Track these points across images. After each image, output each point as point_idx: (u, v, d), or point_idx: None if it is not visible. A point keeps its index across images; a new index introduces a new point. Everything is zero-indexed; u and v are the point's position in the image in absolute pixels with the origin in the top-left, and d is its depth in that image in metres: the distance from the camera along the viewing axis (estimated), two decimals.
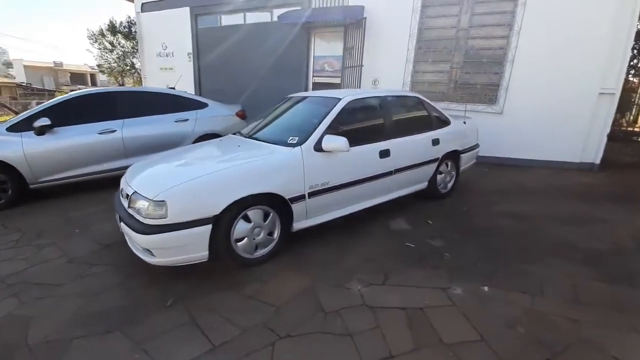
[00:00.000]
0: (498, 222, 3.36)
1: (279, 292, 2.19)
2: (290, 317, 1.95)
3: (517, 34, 5.61)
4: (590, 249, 2.81)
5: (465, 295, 2.16)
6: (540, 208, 3.80)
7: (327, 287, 2.25)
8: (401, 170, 3.36)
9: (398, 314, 1.98)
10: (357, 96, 3.18)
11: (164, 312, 2.02)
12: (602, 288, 2.25)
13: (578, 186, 4.70)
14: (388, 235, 3.06)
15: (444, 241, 2.94)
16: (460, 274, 2.40)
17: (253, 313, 1.99)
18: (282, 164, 2.59)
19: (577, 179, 5.05)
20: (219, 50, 8.94)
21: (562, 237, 3.04)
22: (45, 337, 1.81)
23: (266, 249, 2.58)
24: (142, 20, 10.13)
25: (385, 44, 6.65)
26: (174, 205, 2.13)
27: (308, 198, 2.66)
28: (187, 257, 2.24)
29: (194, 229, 2.17)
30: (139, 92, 5.03)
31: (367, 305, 2.05)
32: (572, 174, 5.36)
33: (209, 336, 1.80)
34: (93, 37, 14.98)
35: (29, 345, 1.75)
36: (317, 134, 2.75)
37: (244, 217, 2.40)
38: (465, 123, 4.29)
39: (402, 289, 2.23)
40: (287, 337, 1.79)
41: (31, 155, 3.89)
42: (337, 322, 1.90)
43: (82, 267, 2.54)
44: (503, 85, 5.89)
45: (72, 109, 4.31)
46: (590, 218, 3.50)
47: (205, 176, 2.30)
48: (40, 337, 1.81)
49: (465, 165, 4.34)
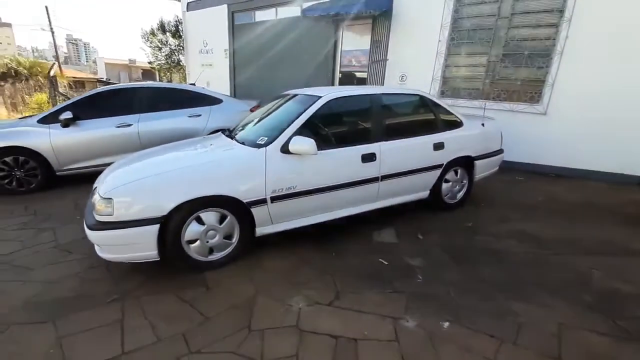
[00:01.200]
0: (502, 244, 2.87)
1: (217, 301, 2.10)
2: (213, 330, 1.84)
3: (567, 21, 4.75)
4: (608, 290, 2.24)
5: (416, 331, 1.84)
6: (565, 230, 3.18)
7: (267, 302, 2.09)
8: (391, 177, 3.03)
9: (326, 342, 1.75)
10: (341, 94, 2.93)
11: (102, 308, 2.04)
12: (600, 345, 1.76)
13: (629, 206, 3.86)
14: (365, 249, 2.78)
15: (425, 261, 2.59)
16: (423, 303, 2.07)
17: (180, 321, 1.92)
18: (241, 165, 2.47)
19: (630, 197, 4.16)
20: (252, 46, 9.11)
21: (577, 270, 2.48)
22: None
23: (223, 252, 2.50)
24: (187, 19, 10.72)
25: (413, 36, 6.14)
26: (119, 203, 2.14)
27: (271, 202, 2.51)
28: (135, 256, 2.25)
29: (140, 228, 2.15)
30: (155, 88, 5.29)
31: (297, 328, 1.86)
32: (628, 190, 4.43)
33: (125, 341, 1.77)
34: (145, 36, 16.41)
35: None
36: (286, 135, 2.57)
37: (197, 219, 2.34)
38: (484, 125, 3.74)
39: (347, 312, 1.99)
40: (196, 352, 1.69)
41: (57, 144, 4.29)
42: (255, 344, 1.74)
43: (62, 254, 2.71)
44: (549, 81, 5.07)
45: (94, 104, 4.66)
46: (627, 250, 2.82)
47: (153, 176, 2.29)
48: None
49: (481, 174, 3.81)
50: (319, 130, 2.79)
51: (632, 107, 4.55)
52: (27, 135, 4.22)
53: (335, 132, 2.94)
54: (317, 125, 2.78)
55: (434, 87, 6.09)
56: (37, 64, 18.18)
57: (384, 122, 3.06)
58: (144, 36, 16.45)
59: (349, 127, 3.02)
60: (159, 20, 16.05)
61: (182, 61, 14.65)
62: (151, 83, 6.19)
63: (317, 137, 2.69)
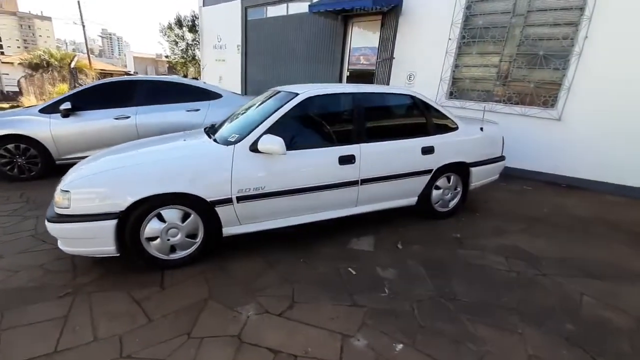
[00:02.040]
0: (486, 260, 2.64)
1: (167, 303, 2.03)
2: (152, 334, 1.77)
3: (587, 20, 4.37)
4: (596, 320, 2.00)
5: (365, 351, 1.69)
6: (563, 248, 2.90)
7: (217, 307, 2.00)
8: (372, 181, 2.87)
9: (265, 356, 1.64)
10: (320, 92, 2.78)
11: (53, 302, 2.02)
12: None
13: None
14: (337, 256, 2.64)
15: (397, 273, 2.42)
16: (382, 321, 1.92)
17: (123, 321, 1.86)
18: (206, 163, 2.40)
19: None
20: (264, 42, 9.10)
21: (565, 295, 2.23)
22: None
23: (185, 252, 2.43)
24: (203, 14, 10.84)
25: (421, 34, 5.88)
26: (76, 196, 2.11)
27: (237, 202, 2.42)
28: (93, 250, 2.22)
29: (97, 223, 2.12)
30: (155, 81, 5.32)
31: (238, 338, 1.75)
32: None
33: (62, 338, 1.73)
34: (163, 31, 16.81)
35: None
36: (257, 133, 2.47)
37: (158, 216, 2.28)
38: (483, 129, 3.49)
39: (296, 325, 1.87)
40: (126, 357, 1.62)
41: (56, 134, 4.39)
42: (189, 352, 1.65)
43: (36, 242, 2.74)
44: (565, 84, 4.69)
45: (94, 95, 4.74)
46: (629, 274, 2.52)
47: (111, 171, 2.25)
48: None
49: (478, 182, 3.56)
50: (294, 129, 2.67)
51: None
52: (28, 124, 4.34)
53: (311, 131, 2.81)
54: (292, 124, 2.65)
55: (442, 88, 5.81)
56: (68, 56, 19.02)
57: (367, 123, 2.89)
58: (161, 30, 16.89)
59: (327, 126, 2.87)
60: (176, 15, 16.43)
61: (198, 56, 14.89)
62: (151, 77, 6.27)
63: (291, 137, 2.59)
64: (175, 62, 17.72)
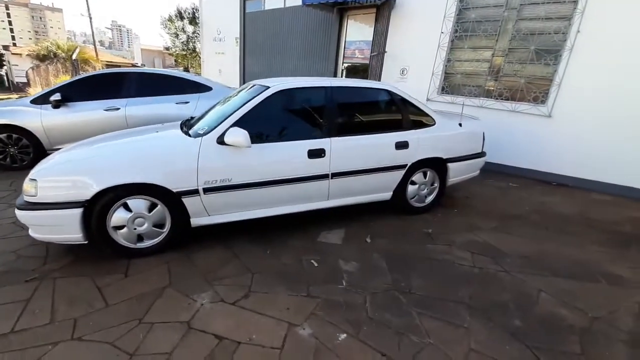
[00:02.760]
0: (451, 256, 2.65)
1: (127, 289, 2.10)
2: (106, 319, 1.84)
3: (580, 13, 4.26)
4: (548, 317, 2.00)
5: (308, 340, 1.73)
6: (535, 246, 2.88)
7: (174, 295, 2.06)
8: (343, 175, 2.89)
9: (208, 343, 1.69)
10: (291, 86, 2.80)
11: (19, 286, 2.10)
12: None
13: (625, 225, 3.44)
14: (303, 248, 2.68)
15: (359, 266, 2.44)
16: (332, 311, 1.95)
17: (81, 306, 1.94)
18: (173, 154, 2.44)
19: (633, 214, 3.71)
20: (261, 34, 9.09)
21: (522, 292, 2.23)
22: None
23: (153, 241, 2.49)
24: (204, 6, 10.84)
25: (414, 28, 5.81)
26: (42, 184, 2.18)
27: (204, 194, 2.47)
28: (61, 237, 2.29)
29: (62, 211, 2.18)
30: (145, 73, 5.36)
31: (188, 325, 1.81)
32: (635, 206, 3.97)
33: (20, 320, 1.81)
34: (164, 23, 16.91)
35: None
36: (224, 126, 2.50)
37: (125, 205, 2.34)
38: (461, 125, 3.46)
39: (247, 313, 1.91)
40: (76, 339, 1.69)
41: (47, 124, 4.49)
42: (137, 337, 1.71)
43: (15, 229, 2.82)
44: (556, 80, 4.60)
45: (84, 87, 4.82)
46: (597, 274, 2.50)
47: (77, 161, 2.31)
48: None
49: (456, 178, 3.54)
50: (263, 122, 2.69)
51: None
52: (20, 114, 4.45)
53: (280, 125, 2.82)
54: (261, 118, 2.67)
55: (434, 83, 5.75)
56: (74, 47, 19.25)
57: (339, 117, 2.90)
58: (162, 23, 16.98)
59: (298, 120, 2.88)
60: (177, 7, 16.48)
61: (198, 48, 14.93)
62: (143, 69, 6.32)
63: (260, 130, 2.62)
64: (176, 54, 17.84)
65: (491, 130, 5.12)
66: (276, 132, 2.76)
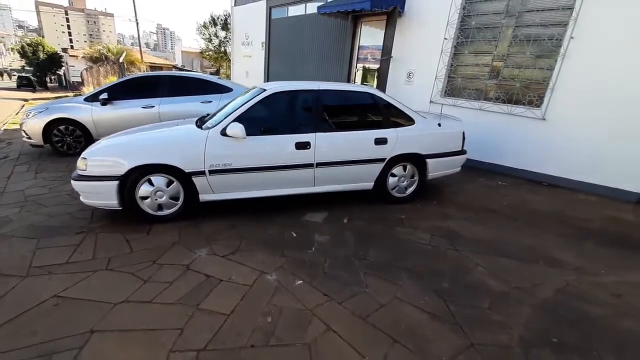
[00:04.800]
0: (414, 236, 3.08)
1: (147, 243, 2.77)
2: (131, 259, 2.51)
3: (574, 20, 4.46)
4: (474, 284, 2.39)
5: (271, 282, 2.29)
6: (495, 233, 3.23)
7: (181, 248, 2.70)
8: (326, 165, 3.41)
9: (199, 279, 2.30)
10: (284, 89, 3.37)
11: (71, 236, 2.84)
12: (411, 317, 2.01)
13: (596, 222, 3.65)
14: (289, 224, 3.22)
15: (330, 239, 2.96)
16: (297, 267, 2.49)
17: (114, 250, 2.62)
18: (185, 142, 3.10)
19: (610, 214, 3.88)
20: (284, 39, 9.78)
21: (462, 265, 2.63)
22: (4, 232, 2.86)
23: (169, 210, 3.16)
24: (235, 13, 11.75)
25: (419, 34, 6.17)
26: (90, 162, 2.92)
27: (209, 175, 3.10)
28: (102, 203, 3.02)
29: (103, 182, 2.91)
30: (176, 76, 6.19)
31: (187, 267, 2.43)
32: (618, 207, 4.12)
33: (72, 256, 2.52)
34: (199, 29, 18.27)
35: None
36: (227, 121, 3.12)
37: (149, 181, 3.03)
38: (440, 125, 3.85)
39: (232, 263, 2.51)
40: (108, 270, 2.37)
41: (96, 119, 5.43)
42: (150, 271, 2.36)
43: (69, 199, 3.64)
44: (550, 85, 4.80)
45: (126, 88, 5.71)
46: (540, 257, 2.82)
47: (115, 145, 3.04)
48: (3, 231, 2.87)
49: (436, 172, 3.94)
50: (259, 118, 3.28)
51: (636, 117, 4.16)
52: (76, 110, 5.40)
53: (273, 121, 3.40)
54: (258, 115, 3.27)
55: (437, 86, 6.08)
56: (122, 51, 21.24)
57: (324, 115, 3.43)
58: (197, 29, 18.36)
59: (288, 117, 3.45)
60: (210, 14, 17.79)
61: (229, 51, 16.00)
62: (174, 72, 7.17)
63: (256, 125, 3.21)
64: (209, 57, 19.21)
65: (489, 132, 5.43)
66: (270, 127, 3.35)
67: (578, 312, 2.16)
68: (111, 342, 1.76)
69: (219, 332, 1.85)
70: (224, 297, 2.12)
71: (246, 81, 10.41)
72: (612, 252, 2.99)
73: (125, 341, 1.77)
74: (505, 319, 2.05)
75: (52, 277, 2.27)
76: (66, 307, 1.99)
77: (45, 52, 37.00)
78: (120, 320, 1.91)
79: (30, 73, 39.56)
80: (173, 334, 1.82)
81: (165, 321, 1.91)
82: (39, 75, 37.80)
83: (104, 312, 1.96)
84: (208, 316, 1.96)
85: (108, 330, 1.84)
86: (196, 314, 1.97)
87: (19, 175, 4.44)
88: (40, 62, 36.74)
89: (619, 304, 2.25)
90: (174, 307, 2.02)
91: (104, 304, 2.02)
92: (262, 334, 1.85)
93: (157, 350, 1.72)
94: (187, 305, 2.04)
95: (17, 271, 2.32)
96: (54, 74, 41.17)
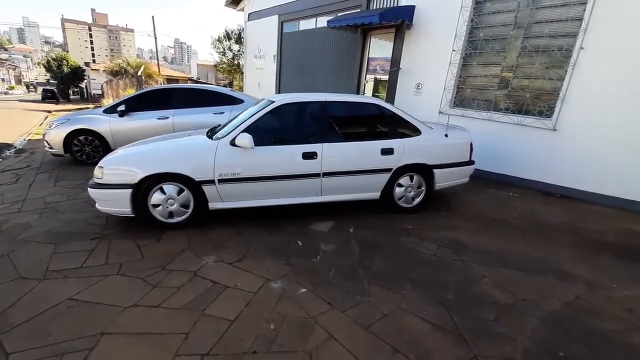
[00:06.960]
0: (419, 247, 3.07)
1: (158, 249, 2.86)
2: (141, 265, 2.60)
3: (583, 31, 4.44)
4: (480, 295, 2.37)
5: (276, 290, 2.32)
6: (503, 245, 3.19)
7: (189, 255, 2.78)
8: (333, 175, 3.46)
9: (205, 285, 2.36)
10: (292, 100, 3.46)
11: (86, 241, 2.96)
12: (414, 328, 2.00)
13: (609, 234, 3.55)
14: (295, 232, 3.27)
15: (335, 248, 2.98)
16: (302, 275, 2.52)
17: (126, 256, 2.72)
18: (196, 152, 3.22)
19: (624, 226, 3.78)
20: (295, 52, 10.01)
21: (468, 276, 2.61)
22: (24, 237, 3.00)
23: (180, 218, 3.26)
24: (248, 28, 12.12)
25: (428, 46, 6.24)
26: (107, 171, 3.05)
27: (218, 184, 3.19)
28: (117, 210, 3.14)
29: (118, 190, 3.04)
30: (189, 89, 6.42)
31: (194, 273, 2.50)
32: (634, 219, 4.00)
33: (86, 261, 2.63)
34: (213, 43, 18.90)
35: (15, 239, 2.96)
36: (237, 132, 3.23)
37: (161, 189, 3.14)
38: (447, 136, 3.86)
39: (238, 270, 2.56)
40: (119, 275, 2.46)
41: (114, 129, 5.66)
42: (159, 277, 2.44)
43: (86, 206, 3.79)
44: (560, 95, 4.76)
45: (142, 100, 5.95)
46: (549, 270, 2.77)
47: (129, 155, 3.17)
48: (23, 236, 3.02)
49: (444, 183, 3.93)
50: (268, 129, 3.37)
51: None
52: (95, 121, 5.65)
53: (281, 131, 3.49)
54: (266, 125, 3.36)
55: (446, 97, 6.09)
56: (140, 65, 22.13)
57: (331, 126, 3.50)
58: (212, 43, 19.02)
59: (296, 128, 3.53)
60: (225, 29, 18.44)
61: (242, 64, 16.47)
62: (188, 85, 7.43)
63: (264, 135, 3.30)
64: (222, 70, 19.82)
65: (499, 142, 5.40)
66: (278, 137, 3.43)
67: (587, 326, 2.11)
68: (120, 345, 1.82)
69: (223, 337, 1.89)
70: (229, 304, 2.17)
71: (258, 93, 10.65)
72: (624, 265, 2.91)
73: (133, 344, 1.83)
74: (510, 331, 2.02)
75: (67, 280, 2.38)
76: (79, 310, 2.08)
77: (69, 66, 38.75)
78: (129, 323, 1.98)
79: (55, 86, 41.49)
80: (179, 338, 1.87)
81: (172, 325, 1.97)
82: (62, 88, 39.55)
83: (114, 315, 2.03)
84: (213, 322, 2.01)
85: (117, 332, 1.91)
86: (202, 319, 2.03)
87: (40, 183, 4.65)
88: (64, 75, 38.48)
89: (629, 319, 2.19)
90: (181, 312, 2.08)
91: (115, 308, 2.10)
92: (264, 340, 1.88)
93: (163, 353, 1.77)
94: (193, 311, 2.09)
95: (35, 274, 2.44)
96: (77, 87, 43.02)
